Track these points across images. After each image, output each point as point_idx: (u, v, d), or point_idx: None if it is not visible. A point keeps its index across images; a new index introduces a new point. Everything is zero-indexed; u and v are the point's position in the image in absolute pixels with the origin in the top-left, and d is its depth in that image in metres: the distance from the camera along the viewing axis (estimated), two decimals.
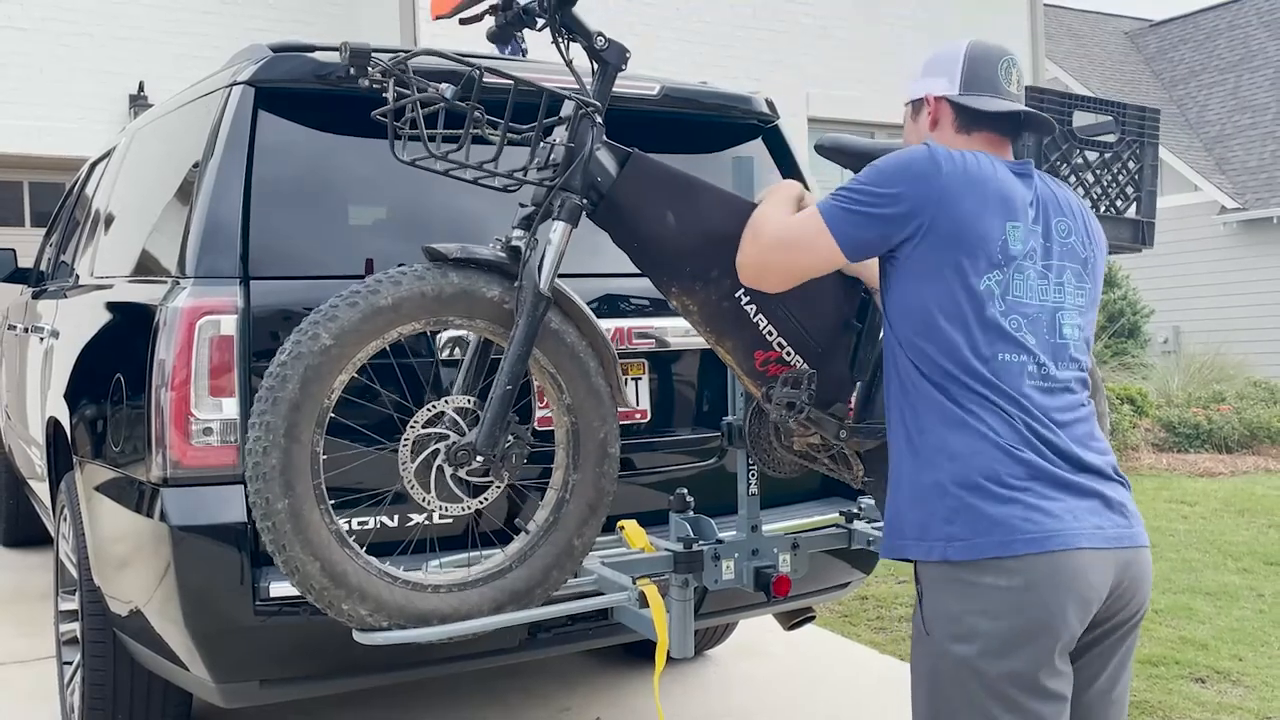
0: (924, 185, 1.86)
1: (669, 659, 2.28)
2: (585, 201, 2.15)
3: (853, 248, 1.92)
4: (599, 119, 2.15)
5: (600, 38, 2.19)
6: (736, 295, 2.19)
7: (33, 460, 4.13)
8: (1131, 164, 2.80)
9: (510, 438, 2.14)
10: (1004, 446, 1.80)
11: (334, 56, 2.50)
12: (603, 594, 2.38)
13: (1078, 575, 1.76)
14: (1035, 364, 1.87)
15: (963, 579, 1.78)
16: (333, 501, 2.08)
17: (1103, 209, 2.78)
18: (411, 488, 2.13)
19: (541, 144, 2.16)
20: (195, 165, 2.59)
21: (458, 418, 2.15)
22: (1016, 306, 1.87)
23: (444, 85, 2.14)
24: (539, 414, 2.62)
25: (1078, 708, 1.86)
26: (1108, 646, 1.87)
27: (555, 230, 2.14)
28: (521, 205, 2.19)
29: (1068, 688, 1.80)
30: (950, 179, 1.86)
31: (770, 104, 3.28)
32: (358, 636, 2.10)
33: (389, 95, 2.10)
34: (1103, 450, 1.91)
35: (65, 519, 3.21)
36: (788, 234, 1.99)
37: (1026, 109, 2.01)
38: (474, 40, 2.61)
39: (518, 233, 2.17)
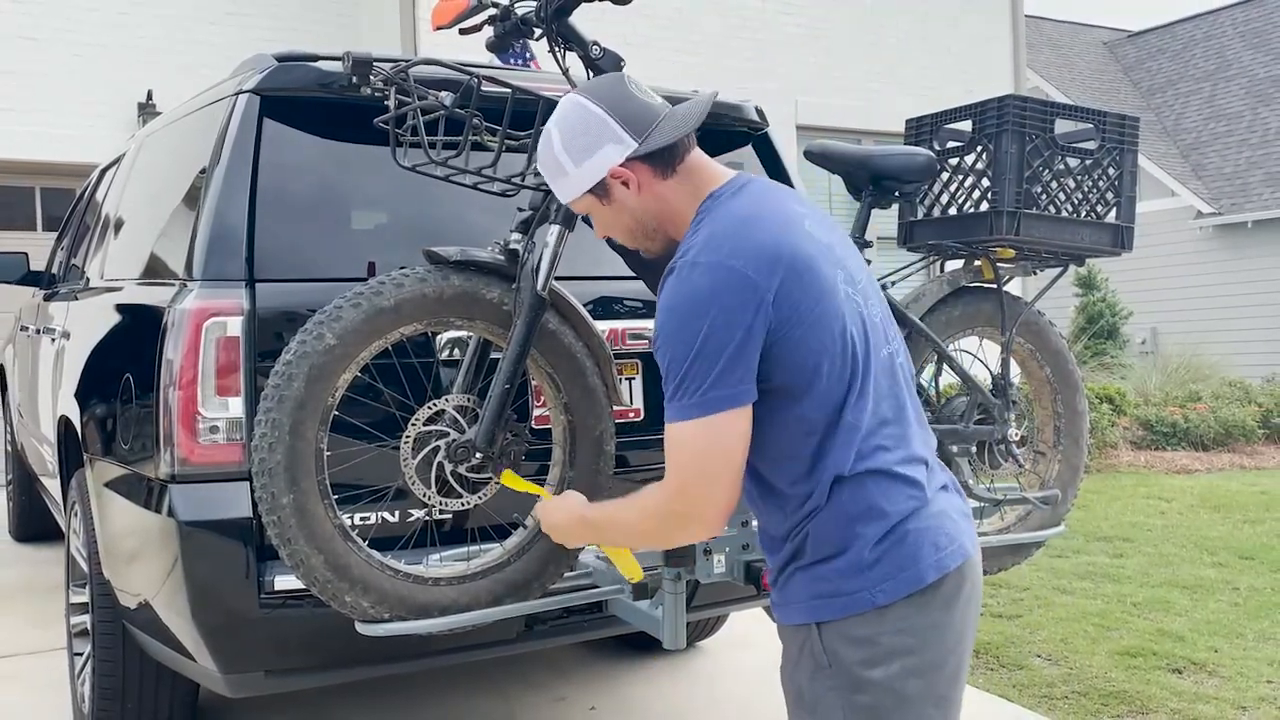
0: (749, 296, 1.54)
1: (663, 651, 2.32)
2: None
3: (751, 394, 1.57)
4: None
5: (596, 47, 2.23)
6: None
7: (44, 457, 4.16)
8: (1111, 170, 2.86)
9: (509, 435, 2.19)
10: (896, 473, 1.61)
11: (337, 65, 2.52)
12: (597, 587, 2.45)
13: (973, 572, 1.67)
14: (893, 358, 1.69)
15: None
16: (336, 497, 2.12)
17: (1083, 214, 2.85)
18: (412, 483, 2.17)
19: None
20: (202, 171, 2.63)
21: (458, 416, 2.20)
22: (873, 328, 1.66)
23: (444, 93, 2.19)
24: (537, 412, 2.66)
25: None
26: None
27: (552, 234, 2.19)
28: (520, 210, 2.25)
29: None
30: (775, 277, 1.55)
31: (760, 112, 3.29)
32: (360, 628, 2.15)
33: (390, 103, 2.15)
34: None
35: (76, 514, 3.23)
36: (691, 465, 1.61)
37: (689, 108, 1.71)
38: (475, 49, 2.66)
39: (516, 236, 2.22)
